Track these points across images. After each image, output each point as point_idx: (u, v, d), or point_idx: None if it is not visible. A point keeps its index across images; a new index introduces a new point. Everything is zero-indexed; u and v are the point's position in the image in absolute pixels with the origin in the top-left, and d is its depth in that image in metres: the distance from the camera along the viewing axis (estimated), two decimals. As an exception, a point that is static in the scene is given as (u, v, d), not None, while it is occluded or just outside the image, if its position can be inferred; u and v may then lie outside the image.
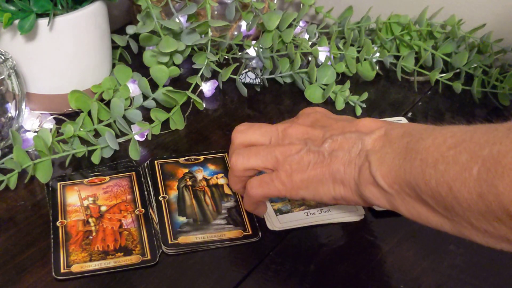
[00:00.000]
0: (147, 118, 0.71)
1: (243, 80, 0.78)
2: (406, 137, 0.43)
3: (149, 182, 0.63)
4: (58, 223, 0.58)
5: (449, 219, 0.41)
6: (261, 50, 0.79)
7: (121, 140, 0.66)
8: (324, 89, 0.77)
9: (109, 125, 0.68)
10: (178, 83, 0.78)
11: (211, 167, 0.65)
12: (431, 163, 0.40)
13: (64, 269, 0.53)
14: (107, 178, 0.63)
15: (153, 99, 0.73)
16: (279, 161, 0.49)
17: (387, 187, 0.43)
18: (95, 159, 0.64)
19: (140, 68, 0.76)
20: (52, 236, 0.57)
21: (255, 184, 0.51)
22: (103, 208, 0.60)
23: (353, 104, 0.75)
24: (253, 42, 0.83)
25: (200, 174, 0.64)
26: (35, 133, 0.66)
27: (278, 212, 0.60)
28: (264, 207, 0.57)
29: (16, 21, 0.63)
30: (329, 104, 0.77)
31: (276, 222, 0.59)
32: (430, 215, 0.42)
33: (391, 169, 0.43)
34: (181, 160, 0.66)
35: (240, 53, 0.83)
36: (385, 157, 0.44)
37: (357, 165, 0.46)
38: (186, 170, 0.65)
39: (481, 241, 0.40)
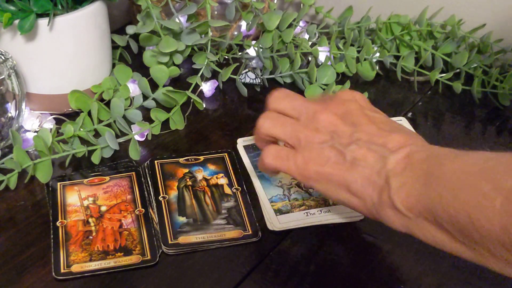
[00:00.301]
0: (147, 118, 0.71)
1: (243, 80, 0.78)
2: (427, 161, 0.43)
3: (149, 182, 0.63)
4: (58, 223, 0.58)
5: (467, 246, 0.40)
6: (261, 50, 0.79)
7: (121, 140, 0.66)
8: (324, 89, 0.76)
9: (109, 125, 0.68)
10: (178, 83, 0.78)
11: (211, 167, 0.65)
12: (451, 190, 0.39)
13: (64, 269, 0.53)
14: (107, 178, 0.63)
15: (153, 99, 0.73)
16: (300, 143, 0.49)
17: (406, 211, 0.43)
18: (95, 159, 0.64)
19: (140, 68, 0.76)
20: (52, 236, 0.57)
21: (271, 154, 0.52)
22: (103, 208, 0.60)
23: (353, 104, 0.75)
24: (253, 42, 0.83)
25: (200, 174, 0.64)
26: (35, 133, 0.66)
27: (278, 212, 0.60)
28: (275, 172, 0.56)
29: (16, 21, 0.63)
30: (329, 104, 0.77)
31: (276, 222, 0.59)
32: (448, 241, 0.41)
33: (410, 194, 0.42)
34: (181, 160, 0.66)
35: (240, 53, 0.83)
36: (406, 181, 0.43)
37: (376, 185, 0.45)
38: (186, 170, 0.65)
39: (501, 271, 0.40)
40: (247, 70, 0.78)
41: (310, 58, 0.82)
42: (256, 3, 0.78)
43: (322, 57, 0.80)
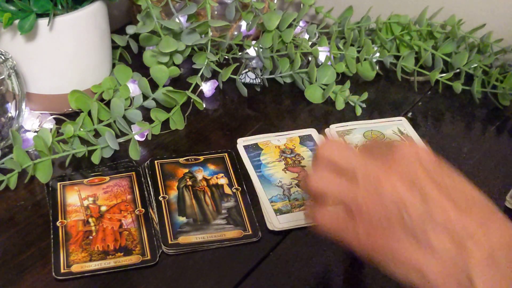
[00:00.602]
0: (147, 118, 0.71)
1: (243, 80, 0.78)
2: None
3: (149, 182, 0.63)
4: (58, 223, 0.58)
5: None
6: (261, 50, 0.79)
7: (121, 140, 0.66)
8: (324, 89, 0.77)
9: (109, 125, 0.68)
10: (178, 83, 0.78)
11: (211, 167, 0.65)
12: None
13: (64, 269, 0.53)
14: (107, 178, 0.63)
15: (153, 99, 0.73)
16: (361, 210, 0.42)
17: None
18: (95, 159, 0.64)
19: (140, 68, 0.76)
20: (52, 236, 0.57)
21: (328, 217, 0.45)
22: (103, 208, 0.60)
23: (353, 104, 0.75)
24: (253, 42, 0.83)
25: (200, 174, 0.64)
26: (35, 133, 0.66)
27: (278, 212, 0.60)
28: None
29: (16, 21, 0.63)
30: (329, 104, 0.77)
31: (276, 222, 0.59)
32: None
33: None
34: (181, 160, 0.66)
35: (240, 53, 0.83)
36: (493, 284, 0.38)
37: (456, 282, 0.39)
38: (186, 170, 0.65)
39: None
40: (247, 70, 0.78)
41: (310, 58, 0.82)
42: (256, 3, 0.78)
43: (322, 57, 0.80)
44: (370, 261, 0.42)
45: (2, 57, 0.63)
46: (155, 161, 0.65)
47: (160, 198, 0.61)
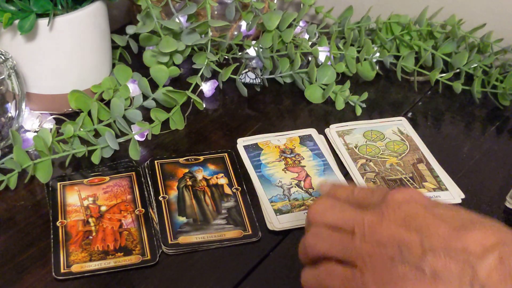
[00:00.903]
0: (147, 118, 0.71)
1: (243, 80, 0.78)
2: None
3: (149, 182, 0.63)
4: (58, 223, 0.58)
5: None
6: (261, 50, 0.79)
7: (121, 140, 0.66)
8: (324, 89, 0.76)
9: (109, 125, 0.68)
10: (178, 83, 0.78)
11: (211, 167, 0.65)
12: None
13: (64, 269, 0.53)
14: (107, 178, 0.63)
15: (153, 99, 0.73)
16: (365, 263, 0.42)
17: None
18: (95, 159, 0.64)
19: (140, 68, 0.76)
20: (52, 236, 0.57)
21: (334, 277, 0.44)
22: (103, 208, 0.60)
23: (353, 104, 0.75)
24: (253, 42, 0.83)
25: (200, 174, 0.64)
26: (35, 133, 0.66)
27: (278, 212, 0.60)
28: None
29: (16, 21, 0.63)
30: (329, 104, 0.77)
31: (276, 222, 0.59)
32: None
33: None
34: (181, 160, 0.66)
35: (240, 53, 0.83)
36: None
37: None
38: (186, 170, 0.65)
39: None
40: (247, 70, 0.78)
41: (310, 58, 0.82)
42: (256, 3, 0.78)
43: (322, 57, 0.80)
44: None
45: (2, 57, 0.63)
46: (155, 161, 0.65)
47: (160, 198, 0.61)
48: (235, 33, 0.85)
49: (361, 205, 0.45)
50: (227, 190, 0.62)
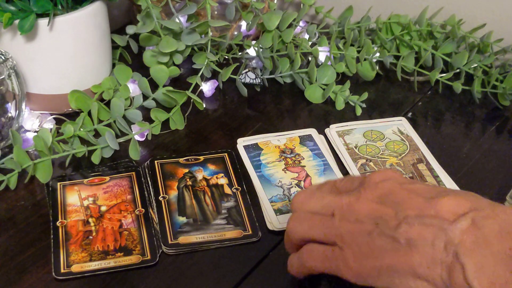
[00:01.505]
0: (147, 118, 0.71)
1: (243, 80, 0.78)
2: (507, 240, 0.38)
3: (149, 182, 0.63)
4: (58, 223, 0.58)
5: None
6: (261, 50, 0.79)
7: (121, 140, 0.66)
8: (324, 89, 0.77)
9: (109, 125, 0.68)
10: (178, 83, 0.78)
11: (211, 167, 0.65)
12: None
13: (64, 269, 0.53)
14: (107, 178, 0.63)
15: (153, 99, 0.73)
16: (344, 240, 0.43)
17: None
18: (95, 159, 0.64)
19: (140, 68, 0.76)
20: (52, 236, 0.57)
21: (315, 256, 0.46)
22: (103, 208, 0.60)
23: (353, 104, 0.75)
24: (253, 42, 0.83)
25: (200, 174, 0.64)
26: (35, 133, 0.66)
27: (278, 212, 0.60)
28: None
29: (16, 21, 0.63)
30: (329, 104, 0.77)
31: (276, 222, 0.59)
32: None
33: (494, 282, 0.37)
34: (181, 160, 0.66)
35: (240, 53, 0.83)
36: (484, 263, 0.38)
37: (445, 264, 0.39)
38: (186, 170, 0.65)
39: None
40: (247, 70, 0.78)
41: (310, 58, 0.82)
42: (256, 3, 0.78)
43: (322, 57, 0.80)
44: (366, 286, 0.43)
45: (2, 57, 0.63)
46: (155, 161, 0.65)
47: (160, 198, 0.61)
48: (235, 33, 0.85)
49: (342, 192, 0.47)
50: (227, 190, 0.62)
